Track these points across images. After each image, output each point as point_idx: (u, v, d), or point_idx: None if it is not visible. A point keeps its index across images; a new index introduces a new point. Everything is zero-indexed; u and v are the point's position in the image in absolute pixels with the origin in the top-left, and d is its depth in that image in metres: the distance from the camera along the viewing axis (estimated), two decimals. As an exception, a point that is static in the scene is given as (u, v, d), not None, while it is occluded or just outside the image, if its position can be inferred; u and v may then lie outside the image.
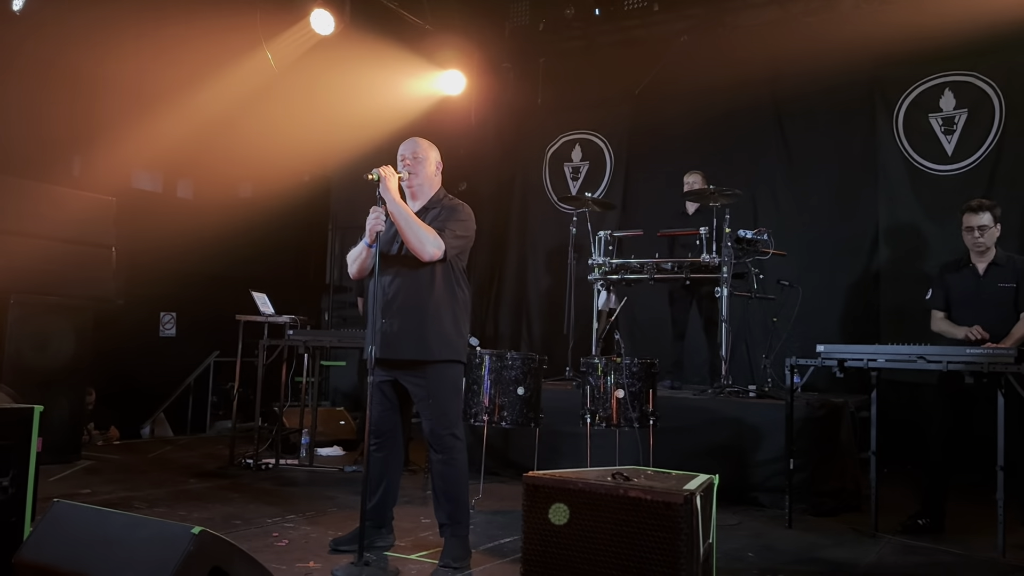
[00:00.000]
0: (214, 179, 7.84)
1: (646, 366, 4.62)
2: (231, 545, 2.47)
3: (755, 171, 7.49)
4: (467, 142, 8.87)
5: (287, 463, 5.95)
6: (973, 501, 4.66)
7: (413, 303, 3.52)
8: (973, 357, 3.89)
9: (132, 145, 6.95)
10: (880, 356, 4.18)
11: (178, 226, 7.26)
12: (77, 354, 5.84)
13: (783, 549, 4.04)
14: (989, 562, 3.84)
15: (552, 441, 5.16)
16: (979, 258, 4.48)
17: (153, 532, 2.46)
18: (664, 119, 7.90)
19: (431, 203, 3.68)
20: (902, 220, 6.79)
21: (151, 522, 2.53)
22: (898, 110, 6.86)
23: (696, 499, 2.18)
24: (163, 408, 7.72)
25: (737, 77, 7.16)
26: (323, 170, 8.90)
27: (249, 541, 3.72)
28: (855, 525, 4.50)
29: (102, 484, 5.05)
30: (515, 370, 4.61)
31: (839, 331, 6.82)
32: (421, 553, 3.70)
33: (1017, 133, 6.40)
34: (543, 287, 8.59)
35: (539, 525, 2.34)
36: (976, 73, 6.58)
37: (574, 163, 8.65)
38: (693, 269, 5.79)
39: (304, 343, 5.86)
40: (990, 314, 4.36)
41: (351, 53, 7.18)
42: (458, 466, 3.60)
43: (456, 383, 3.66)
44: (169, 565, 2.29)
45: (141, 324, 7.64)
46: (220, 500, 4.71)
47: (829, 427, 5.03)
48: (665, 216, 6.69)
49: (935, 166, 6.69)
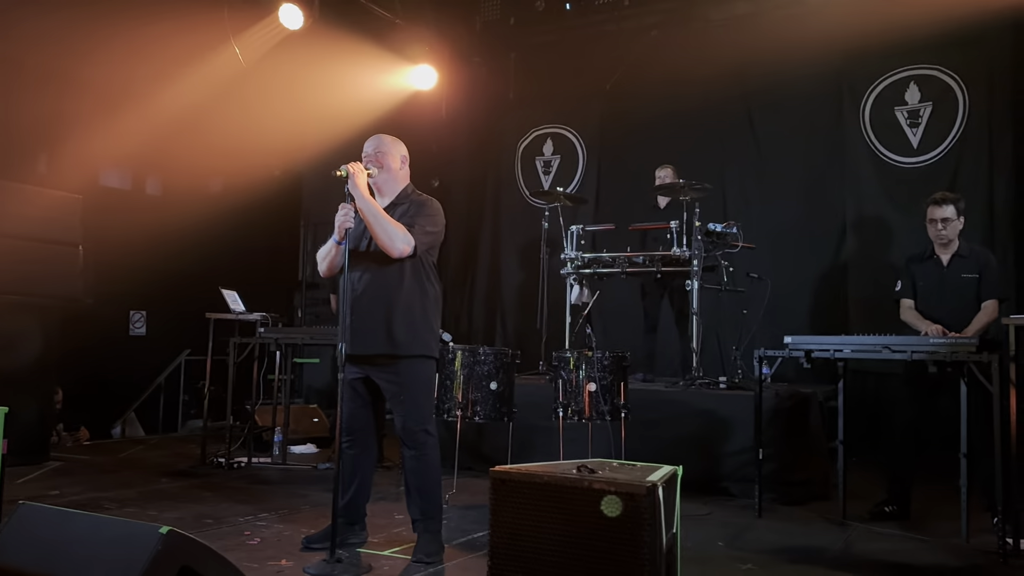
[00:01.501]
0: (183, 176, 7.75)
1: (617, 359, 4.65)
2: (200, 544, 2.46)
3: (725, 165, 7.57)
4: (439, 137, 8.86)
5: (260, 461, 5.93)
6: (938, 488, 4.74)
7: (382, 299, 3.52)
8: (936, 347, 3.97)
9: (99, 142, 6.85)
10: (846, 347, 4.24)
11: (147, 223, 7.17)
12: (44, 354, 5.77)
13: (753, 538, 4.09)
14: (953, 547, 3.92)
15: (525, 435, 5.18)
16: (943, 250, 4.55)
17: (121, 533, 2.44)
18: (635, 113, 7.93)
19: (399, 199, 3.68)
20: (869, 212, 6.88)
21: (119, 522, 2.52)
22: (865, 103, 6.95)
23: (659, 490, 2.21)
24: (134, 408, 7.64)
25: (707, 71, 7.21)
26: (294, 166, 8.83)
27: (221, 540, 3.70)
28: (824, 513, 4.56)
29: (71, 485, 4.99)
30: (488, 365, 4.62)
31: (808, 322, 6.90)
32: (394, 549, 3.71)
33: (980, 126, 6.50)
34: (516, 282, 8.61)
35: (507, 519, 2.36)
36: (940, 67, 6.67)
37: (546, 157, 8.67)
38: (664, 263, 5.83)
39: (276, 340, 5.82)
40: (954, 304, 4.44)
41: (320, 48, 7.14)
42: (430, 462, 3.61)
43: (427, 379, 3.67)
44: (137, 565, 2.28)
45: (110, 323, 7.55)
46: (192, 499, 4.69)
47: (798, 417, 5.10)
48: (637, 210, 6.73)
49: (901, 158, 6.78)
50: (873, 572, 3.57)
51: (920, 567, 3.64)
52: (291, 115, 7.54)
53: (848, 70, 7.06)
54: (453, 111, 8.88)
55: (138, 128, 6.82)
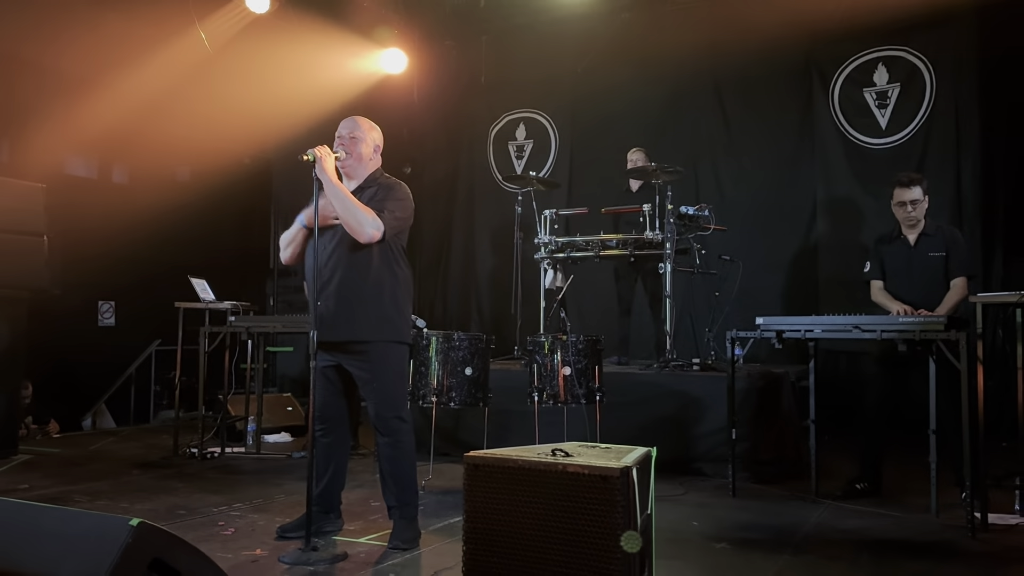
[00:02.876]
0: (150, 163, 7.64)
1: (592, 343, 4.66)
2: (172, 536, 2.42)
3: (697, 147, 7.59)
4: (411, 122, 8.79)
5: (234, 451, 5.88)
6: (908, 464, 4.81)
7: (350, 284, 3.49)
8: (905, 325, 4.01)
9: (63, 130, 6.73)
10: (817, 326, 4.28)
11: (114, 212, 7.06)
12: (11, 346, 5.66)
13: (727, 516, 4.13)
14: (923, 522, 3.99)
15: (501, 420, 5.18)
16: (910, 230, 4.59)
17: (90, 525, 2.40)
18: (607, 97, 7.92)
19: (367, 182, 3.63)
20: (839, 193, 6.95)
21: (88, 515, 2.47)
22: (834, 85, 6.99)
23: (633, 472, 2.21)
24: (104, 399, 7.55)
25: (678, 54, 7.22)
26: (263, 152, 8.72)
27: (194, 531, 3.67)
28: (796, 491, 4.61)
29: (40, 479, 4.92)
30: (463, 351, 4.61)
31: (780, 303, 6.97)
32: (370, 536, 3.70)
33: (947, 106, 6.57)
34: (490, 267, 8.59)
35: (481, 504, 2.35)
36: (908, 48, 6.74)
37: (519, 142, 8.64)
38: (637, 246, 5.84)
39: (247, 329, 5.77)
40: (923, 283, 4.49)
41: (288, 32, 7.05)
42: (405, 448, 3.59)
43: (399, 365, 3.64)
44: (107, 559, 2.24)
45: (78, 314, 7.43)
46: (164, 491, 4.64)
47: (770, 397, 5.16)
48: (609, 194, 6.73)
49: (870, 140, 6.85)
50: (845, 548, 3.62)
51: (891, 542, 3.69)
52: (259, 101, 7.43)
53: (817, 52, 7.10)
54: (425, 95, 8.81)
55: (103, 116, 6.70)
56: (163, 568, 2.30)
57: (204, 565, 2.50)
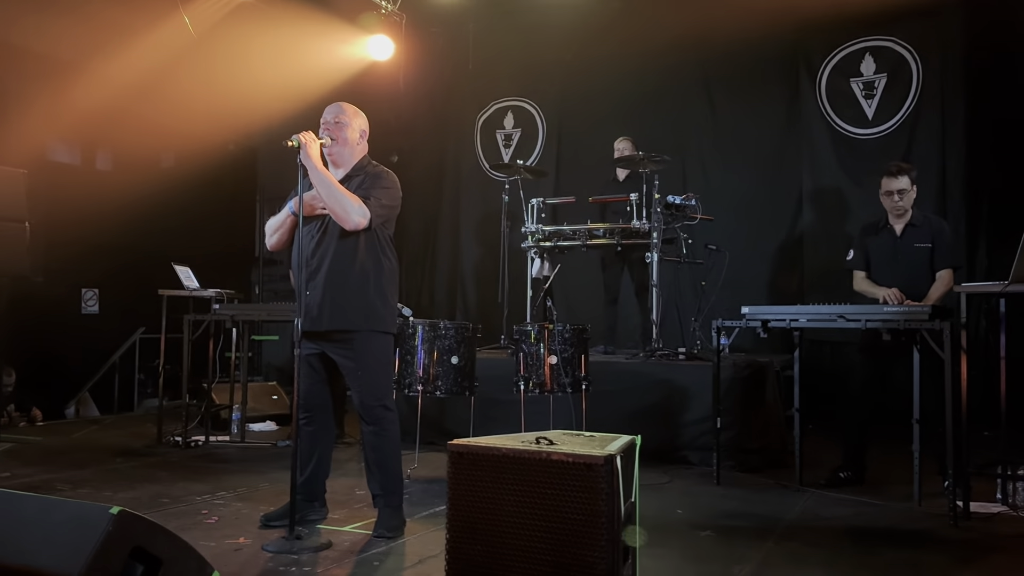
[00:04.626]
0: (134, 150, 7.55)
1: (578, 332, 4.65)
2: (154, 524, 2.40)
3: (684, 137, 7.59)
4: (398, 109, 8.71)
5: (218, 440, 5.85)
6: (892, 454, 4.85)
7: (337, 273, 3.46)
8: (890, 315, 4.03)
9: (46, 116, 6.64)
10: (802, 316, 4.30)
11: (98, 199, 6.97)
12: (-8, 334, 5.62)
13: (711, 505, 4.15)
14: (906, 510, 4.01)
15: (487, 409, 5.16)
16: (897, 220, 4.61)
17: (70, 514, 2.38)
18: (595, 85, 7.89)
19: (354, 170, 3.60)
20: (825, 183, 6.96)
21: (68, 504, 2.45)
22: (821, 75, 7.00)
23: (617, 460, 2.21)
24: (88, 387, 7.49)
25: (666, 43, 7.18)
26: (248, 139, 8.65)
27: (178, 520, 3.66)
28: (781, 480, 4.64)
29: (23, 467, 4.88)
30: (449, 339, 4.59)
31: (766, 292, 6.99)
32: (355, 524, 3.69)
33: (933, 96, 6.59)
34: (477, 256, 8.57)
35: (465, 491, 2.35)
36: (895, 38, 6.74)
37: (506, 130, 8.61)
38: (624, 235, 5.84)
39: (231, 317, 5.73)
40: (908, 274, 4.50)
41: (273, 18, 6.97)
42: (389, 437, 3.58)
43: (384, 353, 3.62)
44: (87, 547, 2.22)
45: (62, 301, 7.37)
46: (147, 479, 4.61)
47: (755, 386, 5.17)
48: (597, 183, 6.72)
49: (856, 130, 6.86)
50: (829, 536, 3.64)
51: (874, 530, 3.72)
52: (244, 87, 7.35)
53: (804, 42, 7.09)
54: (412, 83, 8.73)
55: (86, 101, 6.62)
56: (144, 556, 2.28)
57: (186, 553, 2.48)
